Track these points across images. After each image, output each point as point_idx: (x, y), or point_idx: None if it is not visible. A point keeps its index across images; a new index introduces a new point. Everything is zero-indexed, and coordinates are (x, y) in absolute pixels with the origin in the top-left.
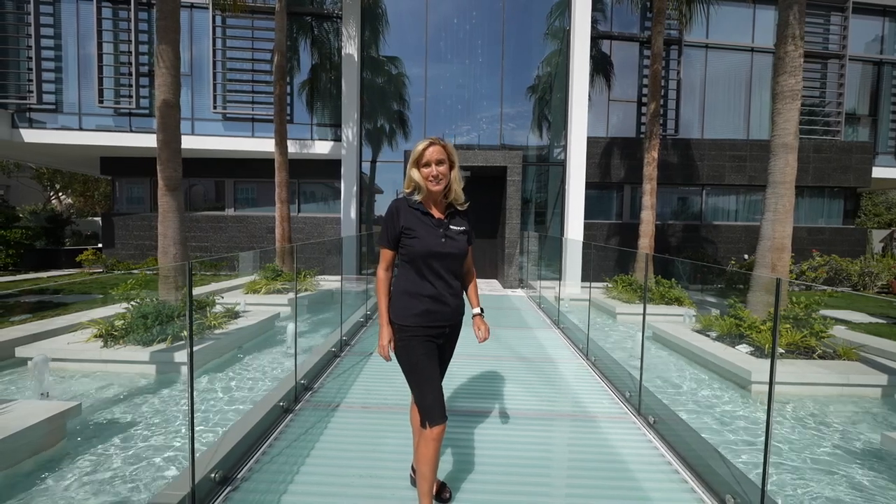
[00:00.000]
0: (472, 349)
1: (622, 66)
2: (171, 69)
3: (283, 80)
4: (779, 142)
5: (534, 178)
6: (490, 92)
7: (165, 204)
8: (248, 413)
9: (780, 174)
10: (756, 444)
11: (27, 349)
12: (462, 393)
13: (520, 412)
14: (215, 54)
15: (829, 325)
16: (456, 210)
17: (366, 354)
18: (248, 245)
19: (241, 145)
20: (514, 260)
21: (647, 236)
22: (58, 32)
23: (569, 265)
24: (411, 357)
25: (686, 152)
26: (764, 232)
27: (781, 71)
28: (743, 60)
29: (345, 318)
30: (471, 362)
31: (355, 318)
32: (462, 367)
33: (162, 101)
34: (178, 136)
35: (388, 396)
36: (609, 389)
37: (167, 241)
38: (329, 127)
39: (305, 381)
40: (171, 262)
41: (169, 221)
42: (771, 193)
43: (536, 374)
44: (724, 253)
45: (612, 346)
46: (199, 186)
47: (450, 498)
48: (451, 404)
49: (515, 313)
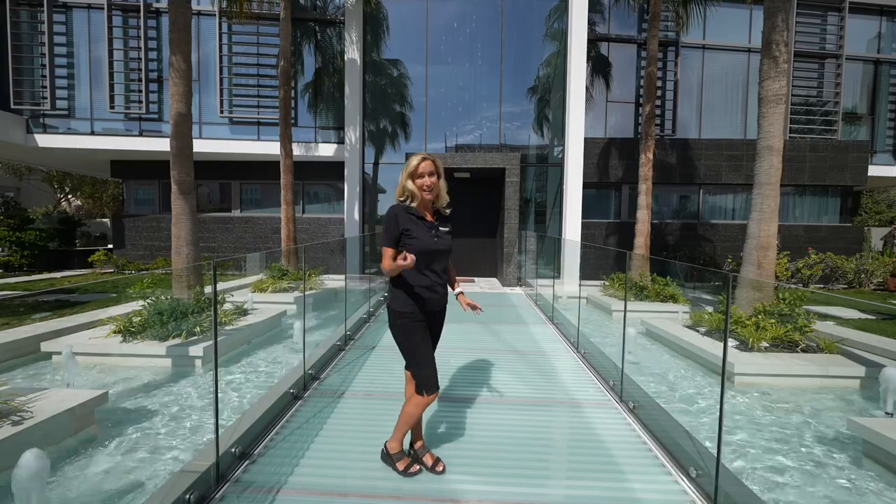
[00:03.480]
0: (470, 343)
1: (620, 67)
2: (184, 80)
3: (287, 86)
4: (764, 144)
5: (533, 178)
6: (490, 93)
7: (179, 207)
8: (262, 398)
9: (766, 175)
10: (731, 428)
11: (51, 344)
12: (459, 382)
13: (511, 399)
14: (222, 60)
15: (812, 320)
16: (441, 214)
17: (368, 348)
18: (254, 245)
19: (247, 148)
20: (512, 259)
21: (642, 235)
22: (70, 40)
23: (566, 264)
24: (411, 340)
25: (683, 152)
26: (751, 231)
27: (766, 76)
28: (740, 61)
29: (349, 315)
30: (468, 354)
31: (359, 315)
32: (459, 359)
33: (176, 111)
34: (190, 143)
35: (389, 385)
36: (596, 379)
37: (180, 242)
38: (332, 130)
39: (313, 371)
40: (184, 261)
41: (182, 223)
42: (757, 194)
43: (529, 366)
44: (720, 251)
45: (606, 342)
46: (205, 188)
47: (443, 471)
48: (448, 392)
49: (512, 310)
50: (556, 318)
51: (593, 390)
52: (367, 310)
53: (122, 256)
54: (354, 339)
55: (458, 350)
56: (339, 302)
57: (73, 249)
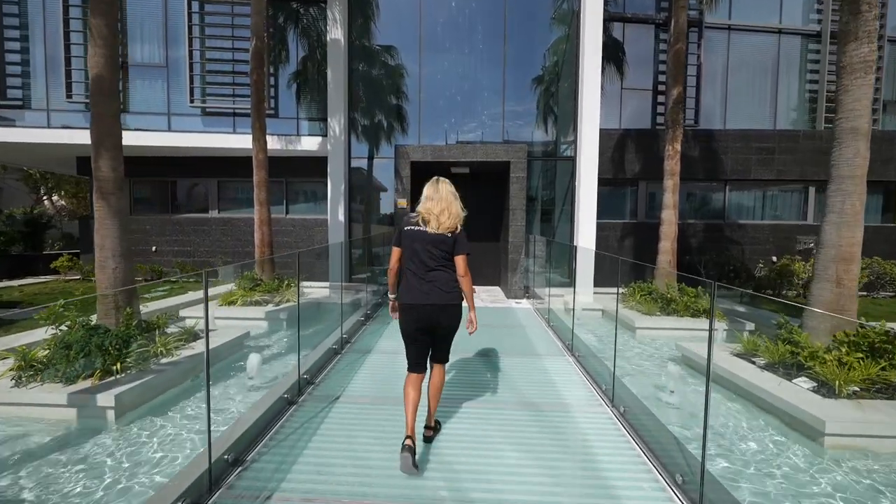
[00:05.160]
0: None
1: (635, 51)
2: (107, 48)
3: (261, 69)
4: (846, 126)
5: (539, 176)
6: (492, 83)
7: (102, 210)
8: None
9: (848, 166)
10: None
11: None
12: (464, 443)
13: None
14: (192, 43)
15: None
16: None
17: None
18: (235, 249)
19: (222, 142)
20: (518, 266)
21: (668, 239)
22: (24, 22)
23: (581, 274)
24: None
25: (708, 144)
26: (826, 238)
27: (850, 37)
28: (769, 43)
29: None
30: (462, 407)
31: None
32: (467, 415)
33: (94, 82)
34: (117, 130)
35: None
36: (654, 467)
37: (105, 254)
38: (318, 121)
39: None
40: (110, 279)
41: (107, 231)
42: (835, 191)
43: (549, 435)
44: (749, 255)
45: (630, 368)
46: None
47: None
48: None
49: (520, 332)
50: (577, 347)
51: None
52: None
53: (89, 262)
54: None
55: (450, 398)
56: (325, 315)
57: (41, 254)
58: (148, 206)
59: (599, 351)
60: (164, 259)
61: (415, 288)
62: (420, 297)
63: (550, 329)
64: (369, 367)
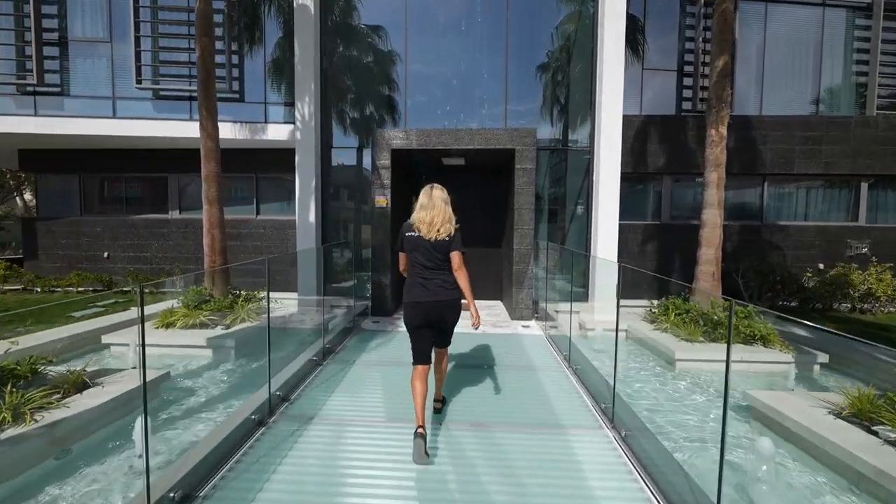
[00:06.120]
0: None
1: (657, 26)
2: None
3: (208, 37)
4: None
5: (546, 171)
6: (493, 67)
7: None
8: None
9: None
10: None
11: None
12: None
13: None
14: (138, 13)
15: None
16: None
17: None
18: (197, 255)
19: (176, 130)
20: (525, 279)
21: (711, 245)
22: None
23: (612, 297)
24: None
25: (743, 133)
26: None
27: None
28: (813, 17)
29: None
30: None
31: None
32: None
33: None
34: None
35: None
36: None
37: None
38: (290, 106)
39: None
40: None
41: None
42: None
43: None
44: (792, 261)
45: (688, 433)
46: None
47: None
48: None
49: (530, 378)
50: (620, 418)
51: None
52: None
53: (31, 269)
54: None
55: None
56: (289, 338)
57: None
58: (99, 205)
59: (651, 419)
60: (119, 266)
61: (420, 287)
62: (426, 296)
63: (572, 373)
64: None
